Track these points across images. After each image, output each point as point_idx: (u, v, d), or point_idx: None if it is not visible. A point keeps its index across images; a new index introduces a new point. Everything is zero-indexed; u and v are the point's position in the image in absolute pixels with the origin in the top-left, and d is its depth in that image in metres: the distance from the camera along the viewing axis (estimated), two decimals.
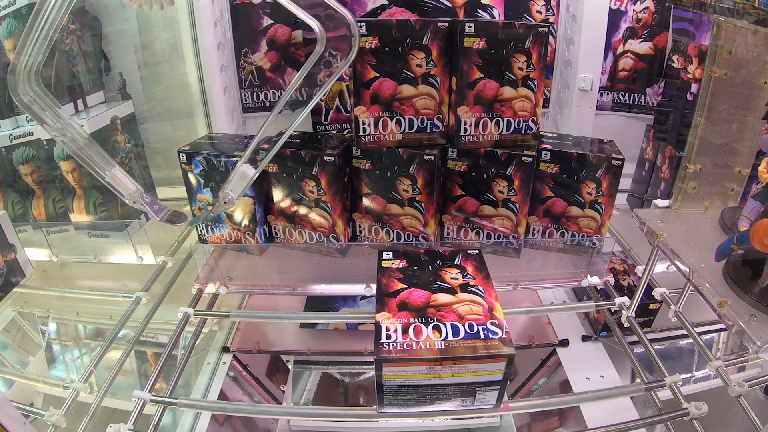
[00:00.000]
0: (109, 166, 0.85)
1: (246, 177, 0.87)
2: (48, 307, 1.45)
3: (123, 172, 0.86)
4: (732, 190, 1.06)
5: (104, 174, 0.86)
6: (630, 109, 1.45)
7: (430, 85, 0.92)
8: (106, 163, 0.85)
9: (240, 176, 0.87)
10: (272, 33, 1.24)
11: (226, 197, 0.88)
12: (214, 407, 1.00)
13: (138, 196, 0.87)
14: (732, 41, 0.96)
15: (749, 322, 0.78)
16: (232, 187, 0.87)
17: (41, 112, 0.79)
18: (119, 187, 0.86)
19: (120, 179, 0.86)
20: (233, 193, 0.88)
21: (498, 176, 0.97)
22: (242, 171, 0.87)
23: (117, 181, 0.86)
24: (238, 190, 0.88)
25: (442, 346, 0.70)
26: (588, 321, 1.33)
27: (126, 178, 0.86)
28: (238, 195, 0.88)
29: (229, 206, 0.89)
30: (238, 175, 0.87)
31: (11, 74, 0.75)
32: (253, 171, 0.87)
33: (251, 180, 0.87)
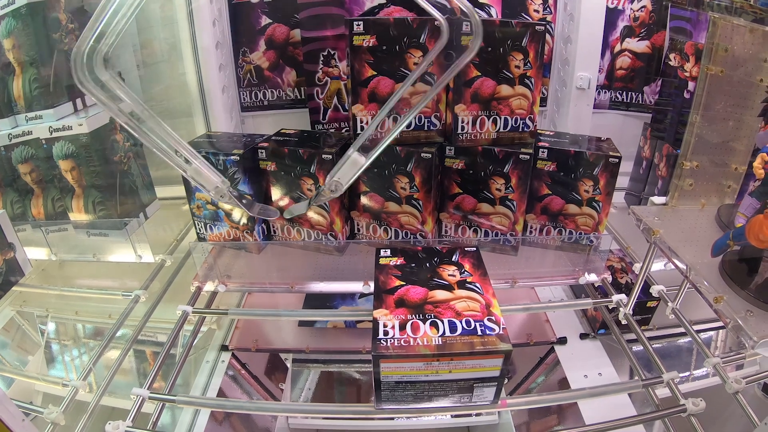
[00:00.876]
0: (193, 158, 0.82)
1: (356, 165, 0.84)
2: (47, 306, 1.46)
3: (207, 165, 0.83)
4: (729, 187, 1.07)
5: (186, 167, 0.83)
6: (628, 108, 1.46)
7: (428, 83, 0.92)
8: (191, 156, 0.82)
9: (350, 164, 0.84)
10: (270, 32, 1.24)
11: (334, 186, 0.85)
12: (212, 404, 1.00)
13: (226, 190, 0.84)
14: (728, 39, 0.96)
15: (746, 317, 0.78)
16: (341, 175, 0.84)
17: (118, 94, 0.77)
18: (203, 181, 0.83)
19: (204, 172, 0.83)
20: (342, 181, 0.85)
21: (495, 174, 0.98)
22: (353, 159, 0.83)
23: (201, 174, 0.83)
24: (346, 179, 0.85)
25: (439, 342, 0.70)
26: (586, 319, 1.33)
27: (211, 171, 0.83)
28: (346, 183, 0.85)
29: (336, 195, 0.86)
30: (349, 162, 0.83)
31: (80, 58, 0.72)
32: (363, 159, 0.83)
33: (361, 168, 0.84)
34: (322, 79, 1.18)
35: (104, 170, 1.16)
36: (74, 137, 1.11)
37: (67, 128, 1.10)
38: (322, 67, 1.17)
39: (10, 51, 1.09)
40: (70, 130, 1.10)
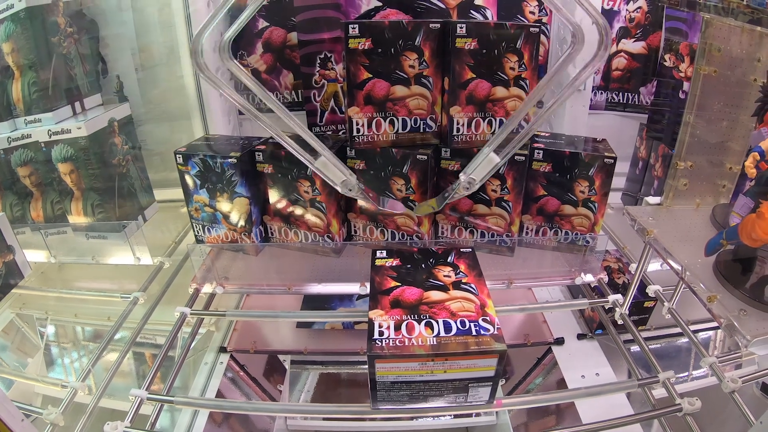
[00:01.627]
0: (322, 149, 0.83)
1: (491, 163, 0.85)
2: (47, 309, 1.47)
3: (335, 158, 0.83)
4: (723, 187, 1.07)
5: (312, 160, 0.84)
6: (624, 109, 1.46)
7: (423, 85, 0.92)
8: (319, 147, 0.83)
9: (486, 162, 0.86)
10: (268, 35, 1.24)
11: (468, 182, 0.87)
12: (209, 405, 1.01)
13: (354, 184, 0.85)
14: (721, 39, 0.97)
15: (739, 316, 0.79)
16: (476, 173, 0.86)
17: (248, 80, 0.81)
18: (330, 174, 0.84)
19: (331, 166, 0.83)
20: (476, 178, 0.87)
21: (491, 175, 0.98)
22: (489, 158, 0.85)
23: (328, 167, 0.83)
24: (480, 176, 0.87)
25: (434, 343, 0.71)
26: (583, 319, 1.34)
27: (338, 164, 0.84)
28: (480, 180, 0.87)
29: (471, 191, 0.88)
30: (485, 161, 0.85)
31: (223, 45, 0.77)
32: (498, 159, 0.85)
33: (495, 167, 0.86)
34: (319, 81, 1.19)
35: (103, 173, 1.17)
36: (73, 140, 1.12)
37: (66, 131, 1.11)
38: (318, 70, 1.17)
39: (9, 55, 1.10)
40: (69, 133, 1.11)
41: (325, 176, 0.86)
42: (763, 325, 0.77)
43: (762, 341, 0.76)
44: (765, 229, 0.77)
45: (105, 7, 1.24)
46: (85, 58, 1.20)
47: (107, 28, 1.26)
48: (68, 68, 1.15)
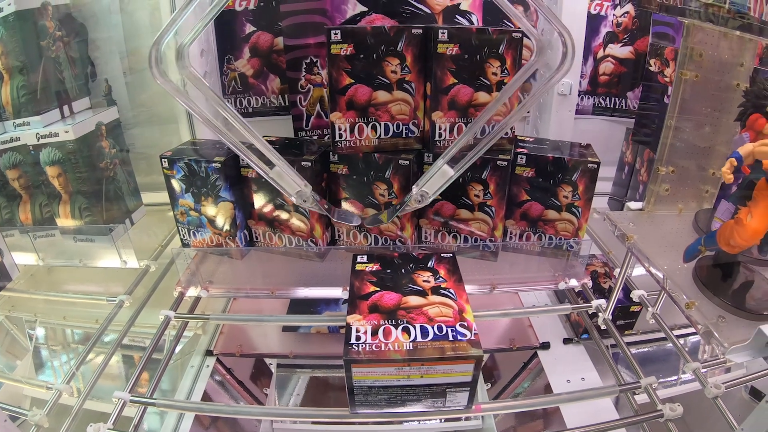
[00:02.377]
0: (276, 160, 0.83)
1: (445, 176, 0.85)
2: (35, 311, 1.47)
3: (290, 168, 0.83)
4: (706, 192, 1.07)
5: (266, 170, 0.84)
6: (611, 113, 1.47)
7: (405, 90, 0.93)
8: (274, 158, 0.83)
9: (439, 175, 0.85)
10: (255, 40, 1.25)
11: (421, 195, 0.86)
12: (191, 407, 1.01)
13: (309, 194, 0.85)
14: (703, 44, 0.97)
15: (717, 323, 0.79)
16: (428, 186, 0.85)
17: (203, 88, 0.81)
18: (285, 184, 0.84)
19: (285, 176, 0.83)
20: (428, 191, 0.86)
21: (473, 180, 0.98)
22: (443, 170, 0.84)
23: (282, 178, 0.83)
24: (433, 189, 0.86)
25: (410, 348, 0.71)
26: (570, 324, 1.34)
27: (293, 174, 0.84)
28: (432, 194, 0.86)
29: (422, 205, 0.87)
30: (438, 174, 0.85)
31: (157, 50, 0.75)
32: (452, 172, 0.84)
33: (449, 180, 0.85)
34: (305, 86, 1.19)
35: (90, 176, 1.17)
36: (61, 144, 1.12)
37: (53, 135, 1.11)
38: (304, 75, 1.18)
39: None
40: (57, 136, 1.12)
41: (280, 187, 0.85)
42: (742, 332, 0.77)
43: (739, 348, 0.76)
44: (743, 236, 0.77)
45: (94, 10, 1.24)
46: (74, 62, 1.20)
47: (96, 31, 1.26)
48: (57, 72, 1.16)
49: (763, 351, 0.76)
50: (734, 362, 1.13)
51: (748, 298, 0.83)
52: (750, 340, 0.75)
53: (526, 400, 0.92)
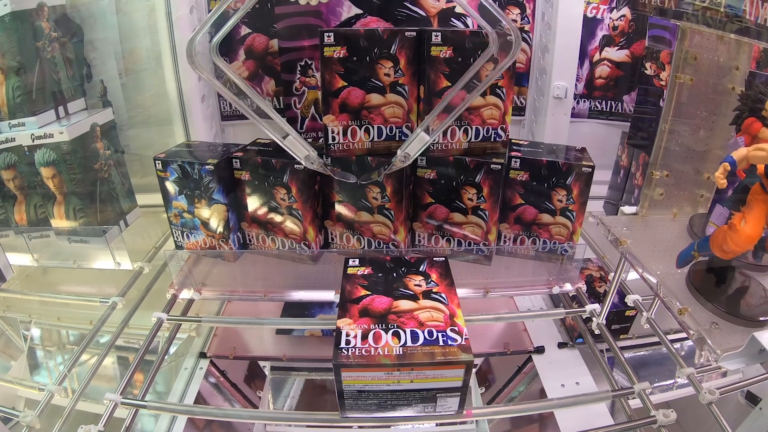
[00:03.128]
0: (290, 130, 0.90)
1: (422, 141, 0.89)
2: (30, 312, 1.47)
3: (299, 138, 0.91)
4: (701, 197, 1.07)
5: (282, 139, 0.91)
6: (607, 117, 1.47)
7: (399, 93, 0.93)
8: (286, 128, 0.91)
9: (418, 140, 0.89)
10: (250, 42, 1.25)
11: (404, 156, 0.91)
12: (182, 410, 1.01)
13: (316, 158, 0.92)
14: (698, 47, 0.97)
15: (710, 330, 0.79)
16: (410, 148, 0.90)
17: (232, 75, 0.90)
18: (297, 150, 0.91)
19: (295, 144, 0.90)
20: (410, 152, 0.91)
21: (467, 184, 0.98)
22: (421, 136, 0.89)
23: (295, 145, 0.90)
24: (413, 151, 0.91)
25: (400, 352, 0.71)
26: (564, 328, 1.34)
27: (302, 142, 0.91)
28: (414, 155, 0.91)
29: (405, 164, 0.93)
30: (417, 139, 0.89)
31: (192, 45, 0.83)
32: (428, 137, 0.89)
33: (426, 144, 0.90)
34: (299, 88, 1.19)
35: (85, 178, 1.17)
36: (55, 145, 1.12)
37: (48, 136, 1.11)
38: (299, 77, 1.18)
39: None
40: (52, 137, 1.11)
41: (293, 152, 0.91)
42: (735, 339, 0.77)
43: (733, 356, 0.76)
44: (737, 242, 0.77)
45: (91, 11, 1.24)
46: (69, 63, 1.20)
47: (92, 32, 1.26)
48: (53, 72, 1.16)
49: (756, 358, 0.76)
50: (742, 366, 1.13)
51: (741, 305, 0.83)
52: (743, 347, 0.75)
53: (518, 405, 0.91)
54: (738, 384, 0.90)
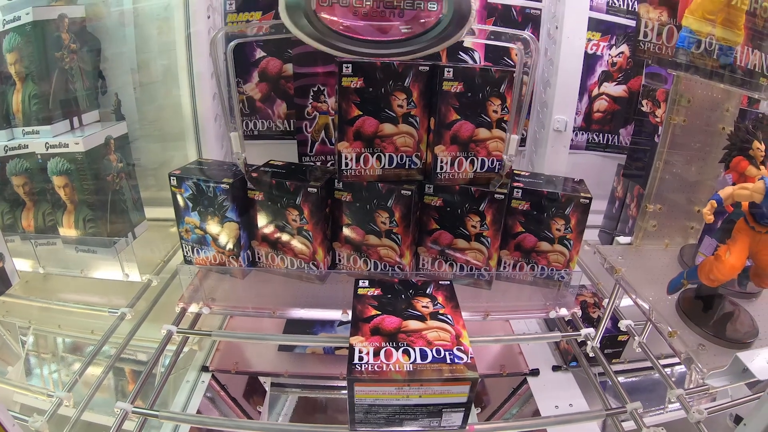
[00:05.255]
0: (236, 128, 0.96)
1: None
2: (30, 318, 1.46)
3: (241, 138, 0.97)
4: (692, 228, 1.13)
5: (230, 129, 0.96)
6: (604, 149, 1.53)
7: (410, 124, 0.97)
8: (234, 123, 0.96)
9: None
10: (264, 65, 1.29)
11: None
12: (193, 420, 1.03)
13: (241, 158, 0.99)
14: (691, 91, 1.03)
15: (698, 351, 0.84)
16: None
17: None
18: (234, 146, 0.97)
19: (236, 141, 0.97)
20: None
21: (471, 212, 1.03)
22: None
23: (235, 140, 0.96)
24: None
25: (410, 369, 0.75)
26: (559, 351, 1.37)
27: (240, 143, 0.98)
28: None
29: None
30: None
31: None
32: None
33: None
34: (311, 113, 1.23)
35: (96, 188, 1.18)
36: (70, 155, 1.13)
37: (63, 145, 1.13)
38: (311, 102, 1.22)
39: (12, 65, 1.12)
40: (66, 147, 1.13)
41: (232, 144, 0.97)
42: (720, 359, 0.82)
43: (718, 374, 0.80)
44: (722, 271, 0.83)
45: (108, 25, 1.27)
46: (85, 74, 1.22)
47: (108, 45, 1.28)
48: (69, 83, 1.18)
49: (740, 377, 0.80)
50: (718, 391, 1.17)
51: (727, 328, 0.88)
52: (728, 367, 0.79)
53: (517, 422, 0.95)
54: (725, 404, 0.94)
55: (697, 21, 0.96)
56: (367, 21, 0.75)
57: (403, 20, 0.74)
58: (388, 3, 0.73)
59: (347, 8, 0.73)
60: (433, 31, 0.75)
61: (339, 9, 0.73)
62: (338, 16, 0.73)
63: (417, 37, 0.77)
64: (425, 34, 0.76)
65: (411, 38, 0.77)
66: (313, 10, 0.72)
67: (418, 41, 0.77)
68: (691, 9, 0.97)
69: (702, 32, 0.97)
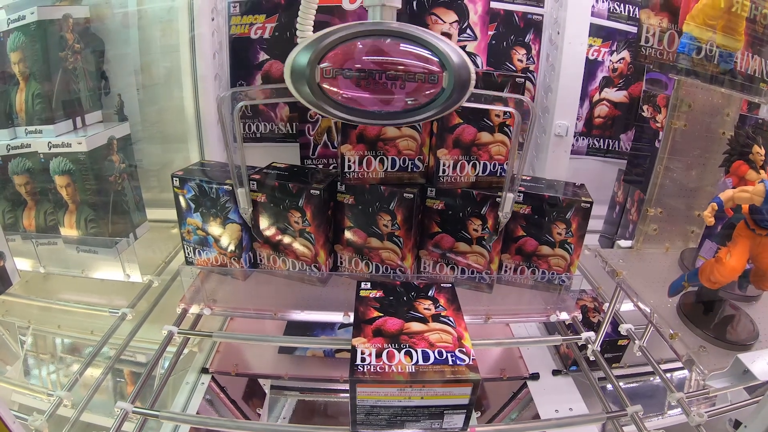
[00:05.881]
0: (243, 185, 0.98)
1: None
2: (29, 318, 1.45)
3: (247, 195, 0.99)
4: (692, 232, 1.14)
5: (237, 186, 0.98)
6: (605, 154, 1.53)
7: (413, 127, 0.98)
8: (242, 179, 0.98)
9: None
10: (267, 68, 1.30)
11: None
12: (194, 421, 1.03)
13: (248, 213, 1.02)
14: (692, 96, 1.04)
15: (698, 353, 0.85)
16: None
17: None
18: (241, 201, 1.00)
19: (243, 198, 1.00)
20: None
21: (473, 215, 1.03)
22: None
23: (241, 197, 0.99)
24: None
25: (412, 370, 0.75)
26: (559, 356, 1.37)
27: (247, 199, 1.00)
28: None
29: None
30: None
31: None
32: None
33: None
34: (313, 116, 1.23)
35: (99, 189, 1.18)
36: (72, 155, 1.13)
37: (66, 145, 1.13)
38: None
39: (16, 64, 1.12)
40: (69, 147, 1.13)
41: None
42: (721, 361, 0.83)
43: (719, 375, 0.81)
44: (723, 273, 0.84)
45: (112, 25, 1.27)
46: (88, 75, 1.22)
47: (112, 46, 1.28)
48: (72, 83, 1.18)
49: (741, 379, 0.81)
50: (718, 395, 1.18)
51: (728, 331, 0.89)
52: (728, 368, 0.80)
53: (518, 424, 0.95)
54: (724, 408, 0.94)
55: (697, 27, 0.97)
56: (370, 93, 0.75)
57: (404, 92, 0.75)
58: (390, 75, 0.74)
59: (350, 80, 0.74)
60: (435, 103, 0.76)
61: (342, 81, 0.73)
62: (341, 88, 0.74)
63: (419, 109, 0.77)
64: (427, 106, 0.77)
65: (413, 110, 0.77)
66: (317, 82, 0.73)
67: (420, 112, 0.78)
68: (692, 15, 0.98)
69: (703, 38, 0.98)
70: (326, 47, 0.73)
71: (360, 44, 0.73)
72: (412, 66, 0.74)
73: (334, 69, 0.73)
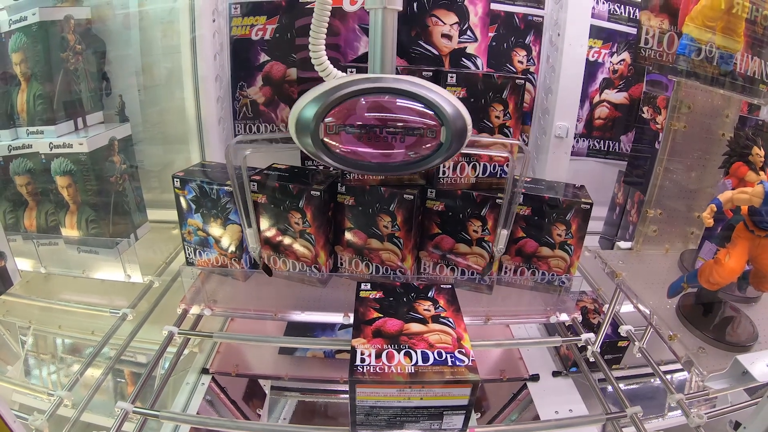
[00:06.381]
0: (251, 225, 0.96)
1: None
2: (30, 318, 1.46)
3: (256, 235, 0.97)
4: (692, 233, 1.14)
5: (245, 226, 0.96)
6: (605, 156, 1.53)
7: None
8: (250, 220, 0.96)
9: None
10: (268, 69, 1.30)
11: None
12: (194, 421, 1.03)
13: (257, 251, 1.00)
14: (691, 97, 1.04)
15: (697, 354, 0.85)
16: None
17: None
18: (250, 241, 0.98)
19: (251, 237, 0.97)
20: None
21: (473, 216, 1.03)
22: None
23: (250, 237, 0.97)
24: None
25: (412, 371, 0.75)
26: (559, 357, 1.37)
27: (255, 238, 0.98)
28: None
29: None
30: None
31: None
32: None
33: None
34: None
35: (100, 189, 1.19)
36: (74, 155, 1.14)
37: (67, 146, 1.13)
38: None
39: (18, 65, 1.13)
40: (71, 147, 1.13)
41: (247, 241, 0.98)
42: (720, 362, 0.83)
43: (718, 376, 0.81)
44: (722, 274, 0.84)
45: (114, 27, 1.28)
46: (90, 76, 1.23)
47: (113, 47, 1.29)
48: (74, 84, 1.18)
49: (740, 380, 0.81)
50: (717, 397, 1.18)
51: (727, 332, 0.89)
52: (727, 369, 0.80)
53: (517, 425, 0.95)
54: (724, 409, 0.95)
55: (697, 28, 0.98)
56: (371, 148, 0.76)
57: (404, 145, 0.76)
58: (390, 131, 0.74)
59: (352, 136, 0.75)
60: (435, 155, 0.77)
61: (345, 137, 0.74)
62: (343, 143, 0.75)
63: (419, 161, 0.78)
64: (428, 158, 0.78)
65: (413, 162, 0.78)
66: (321, 139, 0.74)
67: (421, 164, 0.79)
68: (692, 17, 0.98)
69: (702, 40, 0.98)
70: (333, 103, 0.73)
71: (363, 100, 0.74)
72: (411, 122, 0.74)
73: (337, 125, 0.74)
